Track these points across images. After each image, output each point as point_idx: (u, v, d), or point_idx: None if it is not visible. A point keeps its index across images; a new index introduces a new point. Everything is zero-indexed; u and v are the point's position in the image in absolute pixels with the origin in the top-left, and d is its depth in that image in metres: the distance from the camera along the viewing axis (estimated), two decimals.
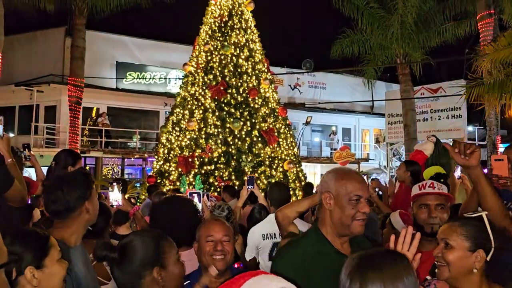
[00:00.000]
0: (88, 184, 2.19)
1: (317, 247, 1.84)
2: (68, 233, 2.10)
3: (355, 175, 1.87)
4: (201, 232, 2.22)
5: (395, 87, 20.70)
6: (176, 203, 2.62)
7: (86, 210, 2.12)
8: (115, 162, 19.51)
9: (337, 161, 18.21)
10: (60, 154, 3.85)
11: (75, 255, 2.08)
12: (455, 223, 1.76)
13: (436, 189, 2.38)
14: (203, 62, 9.38)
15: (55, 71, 18.21)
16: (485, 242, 1.68)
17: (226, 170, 8.39)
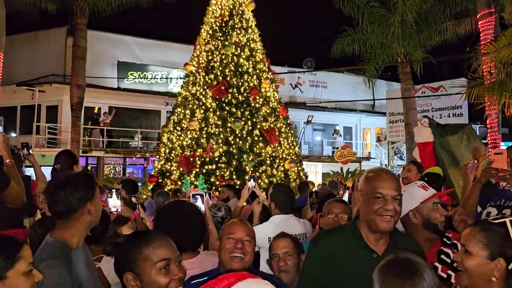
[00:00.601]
0: (90, 185, 2.20)
1: (351, 240, 1.99)
2: (70, 234, 2.11)
3: (383, 174, 1.99)
4: (224, 229, 2.26)
5: (396, 85, 20.71)
6: (181, 208, 2.60)
7: (88, 211, 2.14)
8: (117, 161, 19.57)
9: (339, 160, 18.25)
10: (61, 156, 3.92)
11: (76, 256, 2.10)
12: (476, 228, 1.70)
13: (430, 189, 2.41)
14: (204, 61, 9.41)
15: (56, 71, 18.28)
16: (507, 250, 1.61)
17: (227, 170, 8.41)
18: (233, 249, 2.15)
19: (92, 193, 2.19)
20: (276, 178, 8.64)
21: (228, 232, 2.21)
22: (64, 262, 2.00)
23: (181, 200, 2.79)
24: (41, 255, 2.07)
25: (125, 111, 19.70)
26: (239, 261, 2.15)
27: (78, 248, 2.14)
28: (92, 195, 2.18)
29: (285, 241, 2.52)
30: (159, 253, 1.68)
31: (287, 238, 2.55)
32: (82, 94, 14.14)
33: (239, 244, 2.15)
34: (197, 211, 2.66)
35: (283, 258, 2.43)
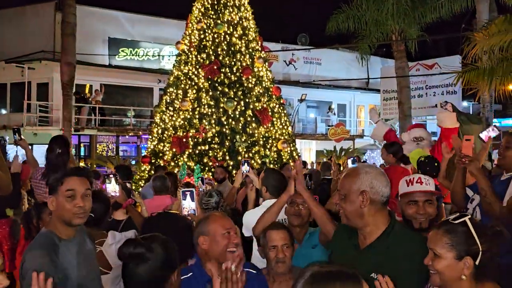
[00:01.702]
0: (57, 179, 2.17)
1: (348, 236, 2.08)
2: (55, 226, 2.17)
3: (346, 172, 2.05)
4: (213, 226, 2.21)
5: (391, 62, 20.58)
6: (168, 219, 2.62)
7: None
8: (110, 140, 19.48)
9: (332, 137, 18.26)
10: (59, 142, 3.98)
11: (66, 246, 2.14)
12: (440, 230, 1.73)
13: (424, 184, 2.41)
14: (196, 40, 9.25)
15: (46, 47, 17.92)
16: (471, 248, 1.67)
17: (220, 151, 8.40)
18: (229, 245, 2.17)
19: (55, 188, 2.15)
20: (269, 158, 8.66)
21: (222, 229, 2.20)
22: (48, 251, 2.05)
23: (168, 212, 2.77)
24: (32, 244, 2.18)
25: (117, 89, 19.49)
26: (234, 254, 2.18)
27: (70, 238, 2.18)
28: (55, 190, 2.15)
29: (283, 232, 2.57)
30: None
31: (285, 230, 2.61)
32: (73, 72, 13.89)
33: (235, 239, 2.18)
34: (184, 222, 2.66)
35: (282, 250, 2.47)
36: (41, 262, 1.97)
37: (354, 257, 1.95)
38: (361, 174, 1.95)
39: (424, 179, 2.42)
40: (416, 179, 2.43)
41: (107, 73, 18.70)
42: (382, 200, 1.93)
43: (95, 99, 17.79)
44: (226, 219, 2.28)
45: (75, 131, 16.99)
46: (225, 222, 2.26)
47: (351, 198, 1.93)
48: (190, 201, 2.81)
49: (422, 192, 2.38)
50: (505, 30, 6.12)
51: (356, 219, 1.95)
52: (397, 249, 1.89)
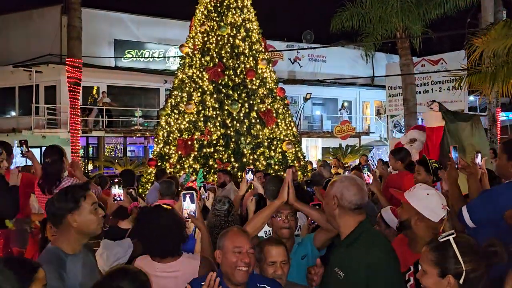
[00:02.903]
0: (74, 198, 2.27)
1: None
2: (63, 242, 2.26)
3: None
4: (226, 241, 2.26)
5: (396, 58, 20.49)
6: (160, 214, 2.64)
7: (71, 221, 2.23)
8: (117, 141, 19.66)
9: (338, 135, 18.32)
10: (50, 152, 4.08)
11: (73, 262, 2.23)
12: (427, 247, 1.79)
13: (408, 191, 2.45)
14: (199, 43, 9.33)
15: (53, 50, 18.10)
16: (454, 267, 1.70)
17: (225, 153, 8.49)
18: (238, 263, 2.18)
19: (74, 206, 2.26)
20: (274, 160, 8.73)
21: (233, 245, 2.22)
22: (56, 268, 2.13)
23: (161, 206, 2.82)
24: (40, 260, 2.21)
25: (124, 90, 19.64)
26: (244, 273, 2.19)
27: (75, 254, 2.27)
28: (75, 207, 2.26)
29: (282, 249, 2.57)
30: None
31: (283, 246, 2.58)
32: (79, 75, 14.04)
33: (246, 258, 2.18)
34: (176, 217, 2.68)
35: (280, 266, 2.50)
36: (49, 277, 2.06)
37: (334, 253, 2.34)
38: (337, 182, 2.29)
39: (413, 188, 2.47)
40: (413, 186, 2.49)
41: (114, 75, 18.84)
42: (351, 207, 2.20)
43: (101, 101, 17.95)
44: (241, 237, 2.26)
45: (83, 133, 17.17)
46: (238, 240, 2.24)
47: (328, 201, 2.29)
48: (189, 202, 2.82)
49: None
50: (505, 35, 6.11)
51: (331, 220, 2.30)
52: (354, 250, 2.14)
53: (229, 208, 3.92)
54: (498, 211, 2.87)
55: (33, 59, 17.89)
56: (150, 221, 2.63)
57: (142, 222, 2.70)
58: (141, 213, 2.78)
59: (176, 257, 2.57)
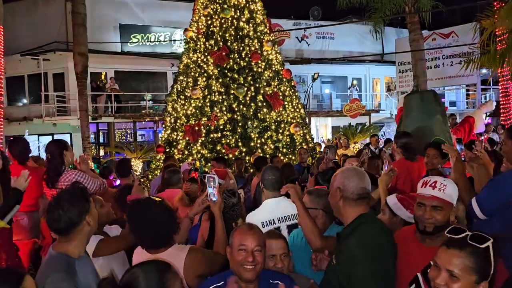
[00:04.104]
0: (85, 197, 2.30)
1: None
2: (72, 246, 2.23)
3: None
4: (234, 238, 2.27)
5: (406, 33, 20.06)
6: (151, 206, 2.63)
7: (87, 223, 2.25)
8: (127, 126, 19.77)
9: (347, 114, 18.15)
10: (49, 147, 4.10)
11: (80, 265, 2.21)
12: (461, 253, 1.69)
13: (436, 190, 2.30)
14: (203, 26, 9.20)
15: (59, 38, 18.11)
16: (488, 272, 1.68)
17: (232, 137, 8.46)
18: (244, 262, 2.18)
19: (88, 205, 2.29)
20: (282, 143, 8.68)
21: (238, 243, 2.22)
22: (68, 274, 2.10)
23: (152, 198, 2.81)
24: (46, 269, 2.19)
25: (131, 75, 19.64)
26: (251, 271, 2.18)
27: (80, 257, 2.26)
28: (89, 206, 2.29)
29: (282, 242, 2.58)
30: None
31: (283, 239, 2.59)
32: (86, 62, 14.04)
33: (249, 257, 2.17)
34: (168, 209, 2.66)
35: (280, 259, 2.51)
36: (65, 286, 2.04)
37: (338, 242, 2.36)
38: (339, 174, 2.35)
39: (439, 184, 2.31)
40: (431, 182, 2.33)
41: (121, 60, 18.83)
42: (354, 197, 2.25)
43: (110, 87, 17.98)
44: (248, 235, 2.24)
45: (93, 119, 17.29)
46: (244, 238, 2.23)
47: (332, 193, 2.34)
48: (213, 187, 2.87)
49: (430, 197, 2.29)
50: None
51: (336, 211, 2.36)
52: (352, 239, 2.16)
53: (235, 202, 3.91)
54: (506, 198, 2.81)
55: (40, 47, 17.94)
56: (138, 213, 2.63)
57: (133, 213, 2.69)
58: (131, 205, 2.78)
59: (164, 248, 2.57)
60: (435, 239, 2.27)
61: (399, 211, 2.99)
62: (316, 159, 6.26)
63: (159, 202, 2.67)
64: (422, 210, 2.31)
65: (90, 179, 4.04)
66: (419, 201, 2.36)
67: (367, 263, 2.08)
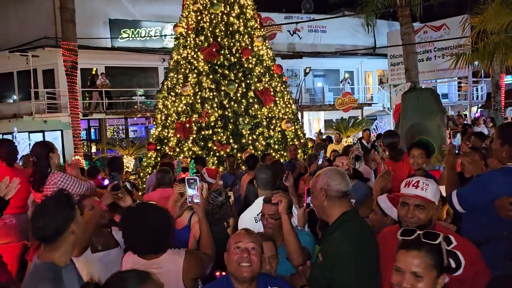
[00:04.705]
0: (71, 205, 2.25)
1: None
2: (57, 255, 2.19)
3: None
4: (231, 241, 2.31)
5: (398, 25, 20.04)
6: (144, 212, 2.61)
7: (72, 231, 2.21)
8: (119, 122, 19.64)
9: (340, 107, 18.16)
10: (35, 148, 4.06)
11: (66, 274, 2.18)
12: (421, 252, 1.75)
13: (419, 189, 2.36)
14: (193, 22, 9.11)
15: (48, 34, 17.87)
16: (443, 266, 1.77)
17: (224, 134, 8.42)
18: (239, 259, 2.19)
19: (74, 213, 2.25)
20: (274, 139, 8.66)
21: (234, 244, 2.25)
22: (56, 284, 2.08)
23: (148, 203, 2.79)
24: (32, 280, 2.16)
25: (122, 71, 19.45)
26: (247, 268, 2.19)
27: (67, 266, 2.23)
28: (74, 214, 2.24)
29: (271, 244, 2.57)
30: None
31: (271, 242, 2.58)
32: (75, 59, 13.88)
33: (245, 253, 2.19)
34: (164, 214, 2.65)
35: (269, 262, 2.50)
36: None
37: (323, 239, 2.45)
38: (321, 175, 2.40)
39: (422, 184, 2.37)
40: (414, 182, 2.40)
41: (111, 56, 18.64)
42: (338, 195, 2.32)
43: (101, 84, 17.81)
44: (243, 234, 2.29)
45: (84, 116, 17.14)
46: (239, 236, 2.28)
47: (316, 194, 2.38)
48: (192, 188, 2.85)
49: (413, 196, 2.36)
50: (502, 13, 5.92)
51: (321, 212, 2.39)
52: (337, 235, 2.23)
53: (224, 200, 3.89)
54: (489, 197, 2.83)
55: (28, 43, 17.70)
56: (134, 218, 2.61)
57: (126, 219, 2.66)
58: (127, 210, 2.75)
59: (160, 253, 2.56)
60: None
61: (389, 211, 3.01)
62: (308, 156, 6.22)
63: (156, 208, 2.67)
64: (405, 210, 2.38)
65: (76, 182, 3.98)
66: (402, 201, 2.42)
67: (351, 257, 2.16)
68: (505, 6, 5.97)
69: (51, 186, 3.85)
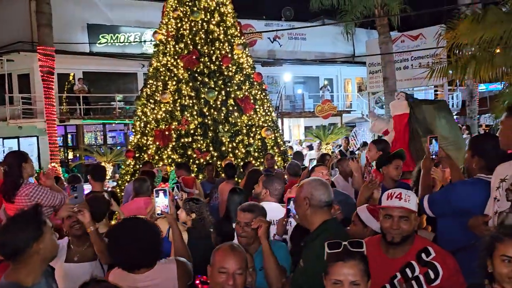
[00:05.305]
0: (37, 224, 2.17)
1: None
2: (23, 274, 2.12)
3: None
4: (215, 258, 2.21)
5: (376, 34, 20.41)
6: (134, 226, 2.60)
7: (36, 251, 2.12)
8: (97, 128, 19.33)
9: (319, 115, 18.33)
10: (8, 158, 3.96)
11: None
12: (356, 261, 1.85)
13: (402, 200, 2.37)
14: (173, 29, 9.05)
15: (23, 37, 17.51)
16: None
17: (203, 142, 8.36)
18: (224, 285, 2.14)
19: (39, 233, 2.16)
20: (253, 147, 8.65)
21: (219, 265, 2.17)
22: None
23: (136, 217, 2.76)
24: None
25: (100, 76, 19.19)
26: None
27: (35, 285, 2.15)
28: (40, 234, 2.16)
29: (249, 256, 2.53)
30: None
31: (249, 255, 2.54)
32: (52, 64, 13.64)
33: (230, 281, 2.13)
34: (152, 228, 2.64)
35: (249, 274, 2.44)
36: None
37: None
38: (305, 185, 2.50)
39: (404, 195, 2.39)
40: (396, 194, 2.40)
41: (89, 61, 18.37)
42: (321, 205, 2.43)
43: (78, 89, 17.51)
44: (229, 257, 2.17)
45: (60, 122, 16.81)
46: (225, 260, 2.16)
47: (299, 203, 2.48)
48: (163, 198, 2.83)
49: (398, 208, 2.37)
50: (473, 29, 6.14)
51: (304, 220, 2.50)
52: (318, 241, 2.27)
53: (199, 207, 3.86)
54: (452, 207, 2.90)
55: (3, 47, 17.29)
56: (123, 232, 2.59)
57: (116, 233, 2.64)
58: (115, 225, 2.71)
59: (152, 267, 2.55)
60: (398, 249, 2.37)
61: (370, 222, 3.02)
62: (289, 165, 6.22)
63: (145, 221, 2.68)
64: (390, 222, 2.38)
65: (49, 193, 3.87)
66: (386, 213, 2.41)
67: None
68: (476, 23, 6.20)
69: (23, 198, 3.74)
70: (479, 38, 6.20)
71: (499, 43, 6.17)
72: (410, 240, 2.37)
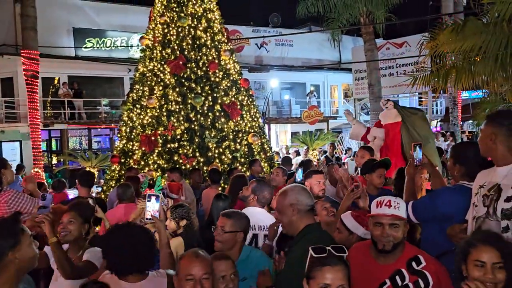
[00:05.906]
0: (13, 233, 2.13)
1: None
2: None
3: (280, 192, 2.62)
4: (181, 267, 2.21)
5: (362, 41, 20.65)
6: (128, 231, 2.60)
7: (11, 260, 2.08)
8: (82, 133, 19.12)
9: (306, 120, 18.42)
10: None
11: None
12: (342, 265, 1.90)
13: (392, 208, 2.38)
14: (160, 35, 9.04)
15: (7, 40, 17.28)
16: None
17: (190, 147, 8.34)
18: None
19: (15, 241, 2.11)
20: (240, 153, 8.66)
21: (185, 273, 2.16)
22: None
23: (129, 223, 2.76)
24: None
25: (86, 80, 19.01)
26: None
27: None
28: (15, 243, 2.11)
29: (231, 262, 2.48)
30: None
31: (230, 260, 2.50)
32: (36, 67, 13.47)
33: (197, 287, 2.13)
34: (145, 234, 2.65)
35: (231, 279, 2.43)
36: None
37: None
38: (288, 191, 2.53)
39: (393, 203, 2.40)
40: (386, 201, 2.41)
41: (74, 65, 18.18)
42: (306, 209, 2.49)
43: (63, 94, 17.31)
44: (194, 264, 2.17)
45: (45, 126, 16.58)
46: (190, 267, 2.16)
47: (284, 211, 2.50)
48: (155, 203, 2.80)
49: (388, 215, 2.37)
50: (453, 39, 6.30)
51: (289, 227, 2.52)
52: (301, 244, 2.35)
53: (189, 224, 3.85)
54: (436, 214, 2.94)
55: None
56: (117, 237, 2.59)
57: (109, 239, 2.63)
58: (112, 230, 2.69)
59: (144, 276, 2.55)
60: (389, 256, 2.36)
61: (355, 229, 3.02)
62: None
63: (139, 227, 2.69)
64: (380, 230, 2.37)
65: (28, 200, 3.83)
66: (376, 221, 2.41)
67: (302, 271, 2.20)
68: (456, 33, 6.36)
69: (2, 205, 3.69)
70: (459, 48, 6.35)
71: (478, 53, 6.33)
72: (401, 248, 2.38)
